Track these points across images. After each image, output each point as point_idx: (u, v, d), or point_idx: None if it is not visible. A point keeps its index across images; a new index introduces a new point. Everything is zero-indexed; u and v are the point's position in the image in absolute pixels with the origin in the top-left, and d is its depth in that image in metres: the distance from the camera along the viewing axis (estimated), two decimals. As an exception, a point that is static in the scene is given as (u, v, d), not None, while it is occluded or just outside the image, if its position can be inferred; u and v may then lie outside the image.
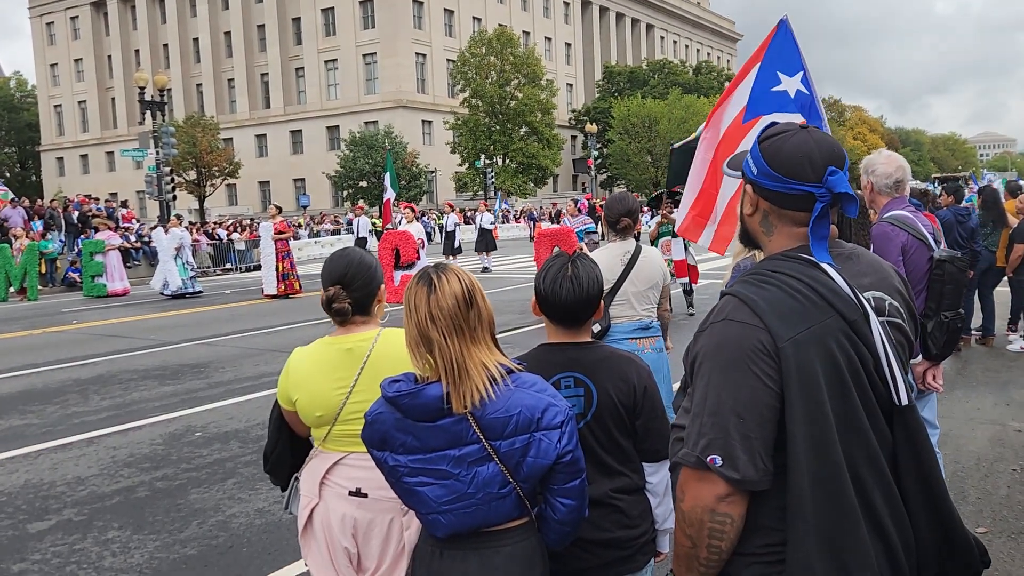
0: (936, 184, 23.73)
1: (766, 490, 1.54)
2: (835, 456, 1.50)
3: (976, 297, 9.19)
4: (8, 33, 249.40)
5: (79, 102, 77.17)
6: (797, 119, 4.46)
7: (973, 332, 9.22)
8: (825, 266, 1.62)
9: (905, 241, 3.60)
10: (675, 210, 12.00)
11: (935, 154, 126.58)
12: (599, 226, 14.62)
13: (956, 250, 8.20)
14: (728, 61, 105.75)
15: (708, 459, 1.51)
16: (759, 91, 4.71)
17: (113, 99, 75.47)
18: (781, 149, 1.64)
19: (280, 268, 17.19)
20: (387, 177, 19.65)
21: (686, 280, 11.96)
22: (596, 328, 4.01)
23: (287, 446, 2.59)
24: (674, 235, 11.64)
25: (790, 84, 4.61)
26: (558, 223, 28.54)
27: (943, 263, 3.55)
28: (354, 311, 2.45)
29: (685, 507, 1.58)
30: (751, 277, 1.65)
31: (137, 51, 73.10)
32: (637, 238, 4.89)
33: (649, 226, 12.26)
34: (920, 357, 3.64)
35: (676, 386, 2.49)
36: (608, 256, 4.18)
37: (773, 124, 1.73)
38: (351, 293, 2.42)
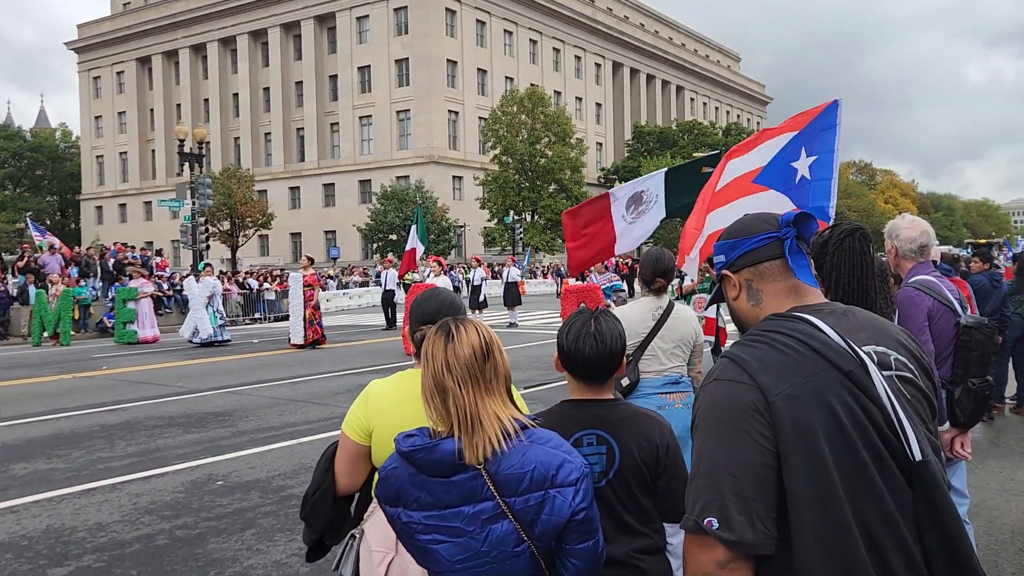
0: (969, 249, 23.51)
1: (774, 557, 1.49)
2: (841, 515, 1.44)
3: (1010, 364, 9.02)
4: (58, 86, 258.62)
5: (120, 153, 79.29)
6: (787, 205, 4.57)
7: (1007, 400, 9.02)
8: (815, 320, 1.61)
9: (931, 306, 3.58)
10: (712, 269, 11.99)
11: (968, 220, 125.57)
12: (625, 282, 14.69)
13: (994, 316, 8.12)
14: (758, 123, 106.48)
15: (705, 522, 1.48)
16: (780, 160, 4.79)
17: (153, 151, 77.48)
18: (731, 227, 1.80)
19: (306, 315, 17.34)
20: (414, 229, 19.91)
21: (713, 339, 11.89)
22: (625, 382, 3.99)
23: (330, 493, 2.46)
24: (708, 293, 11.64)
25: (802, 165, 4.70)
26: (584, 280, 28.66)
27: (970, 329, 3.52)
28: None
29: (688, 573, 1.54)
30: (744, 339, 1.66)
31: (179, 105, 75.24)
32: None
33: (683, 281, 12.25)
34: (948, 425, 3.58)
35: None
36: (641, 310, 4.18)
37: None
38: None
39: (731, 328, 14.83)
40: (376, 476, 2.37)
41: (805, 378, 1.51)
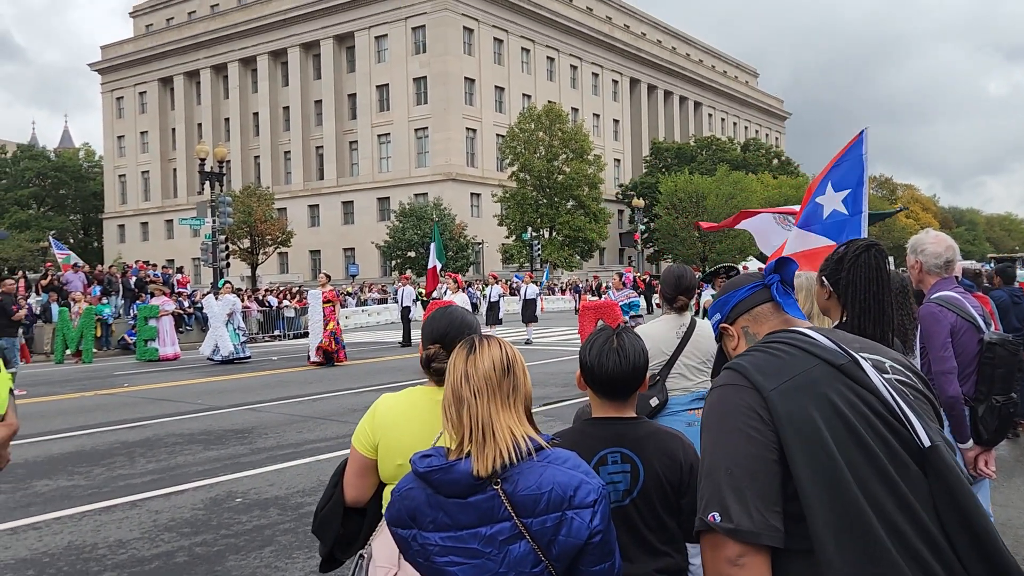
0: (992, 264, 23.27)
1: (797, 557, 1.51)
2: (850, 498, 1.48)
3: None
4: (82, 107, 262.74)
5: (143, 172, 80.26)
6: (814, 242, 4.69)
7: (1032, 417, 8.88)
8: (803, 329, 1.74)
9: (954, 322, 3.53)
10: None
11: (991, 234, 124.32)
12: (643, 299, 14.68)
13: (1011, 333, 8.00)
14: (776, 139, 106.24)
15: (708, 517, 1.53)
16: (812, 199, 4.98)
17: (175, 170, 78.36)
18: (722, 288, 2.00)
19: (331, 328, 17.38)
20: (433, 247, 20.04)
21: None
22: (655, 402, 3.97)
23: (339, 507, 2.52)
24: None
25: (829, 200, 4.80)
26: (599, 296, 28.59)
27: (994, 346, 3.48)
28: None
29: (706, 572, 1.58)
30: (744, 351, 1.77)
31: (200, 124, 76.10)
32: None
33: (703, 298, 12.20)
34: (971, 442, 3.53)
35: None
36: (665, 328, 4.16)
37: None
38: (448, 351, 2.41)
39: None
40: (385, 493, 2.40)
41: (797, 373, 1.60)
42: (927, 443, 1.54)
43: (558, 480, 1.83)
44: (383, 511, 2.41)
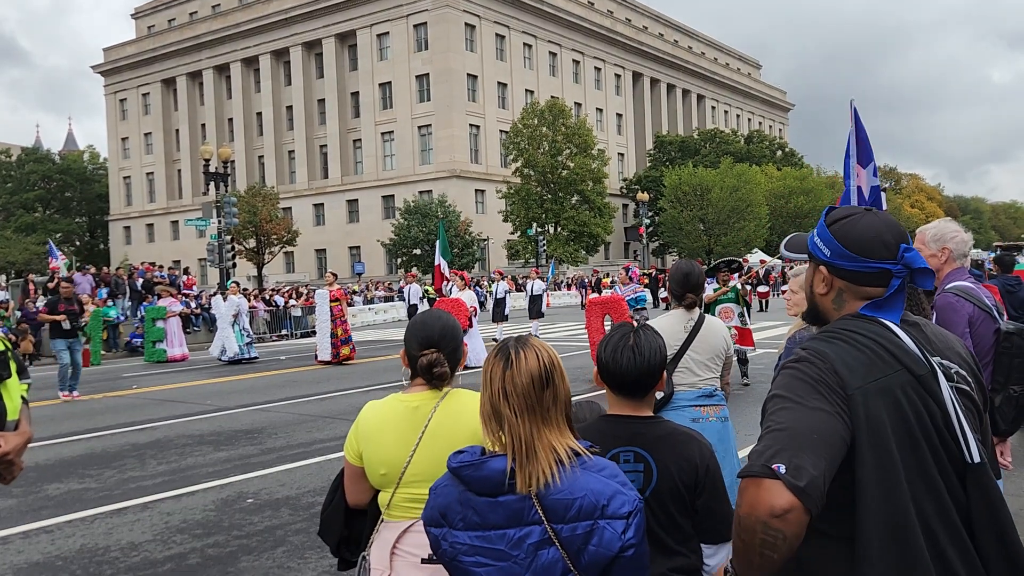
0: (998, 252, 23.16)
1: (837, 543, 1.58)
2: (902, 505, 1.53)
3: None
4: (86, 109, 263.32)
5: (147, 173, 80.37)
6: None
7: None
8: (891, 325, 1.68)
9: (971, 312, 3.50)
10: (734, 278, 11.93)
11: (996, 223, 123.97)
12: (647, 292, 14.70)
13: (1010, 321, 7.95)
14: (780, 130, 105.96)
15: (773, 466, 1.50)
16: (848, 188, 5.17)
17: (179, 171, 78.45)
18: (853, 230, 1.74)
19: (339, 333, 17.39)
20: (438, 245, 20.06)
21: (744, 349, 11.77)
22: (659, 395, 3.96)
23: (341, 507, 2.55)
24: (738, 302, 11.56)
25: (864, 179, 4.97)
26: (598, 291, 28.54)
27: (1011, 336, 3.44)
28: None
29: (742, 512, 1.55)
30: (820, 335, 1.73)
31: (203, 125, 76.17)
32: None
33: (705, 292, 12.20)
34: (988, 433, 3.51)
35: (743, 454, 2.44)
36: (673, 322, 4.16)
37: (833, 208, 1.84)
38: (446, 357, 2.39)
39: (760, 336, 14.71)
40: (379, 497, 2.41)
41: (880, 376, 1.61)
42: (976, 459, 1.60)
43: (592, 487, 1.79)
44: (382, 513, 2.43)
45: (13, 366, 3.13)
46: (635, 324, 2.37)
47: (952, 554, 1.55)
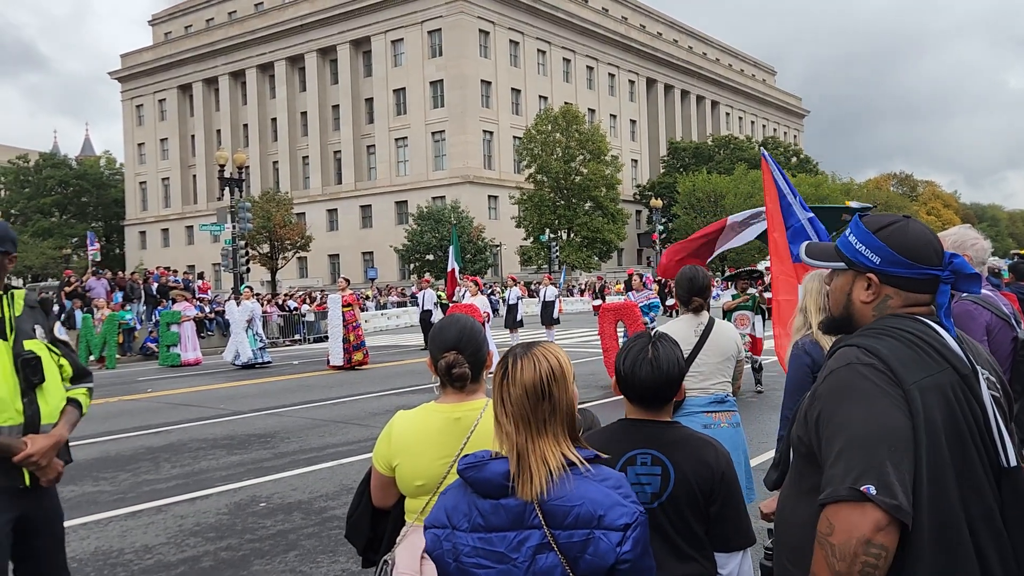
0: (1016, 259, 22.93)
1: None
2: (953, 503, 1.53)
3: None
4: (103, 115, 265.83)
5: (163, 179, 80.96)
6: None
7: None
8: (933, 324, 1.69)
9: (989, 320, 3.47)
10: (752, 287, 11.89)
11: (1013, 230, 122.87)
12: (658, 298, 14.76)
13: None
14: (795, 136, 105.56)
15: (862, 488, 1.49)
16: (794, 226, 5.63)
17: (194, 176, 78.97)
18: (905, 237, 1.74)
19: (351, 339, 17.42)
20: (451, 250, 20.08)
21: (757, 357, 11.73)
22: None
23: (367, 513, 2.55)
24: (755, 310, 11.49)
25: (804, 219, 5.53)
26: (602, 298, 28.43)
27: (1029, 344, 3.40)
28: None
29: (836, 540, 1.52)
30: (866, 331, 1.72)
31: (219, 131, 76.67)
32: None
33: (723, 299, 12.17)
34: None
35: (754, 463, 2.42)
36: (684, 327, 4.17)
37: (865, 213, 1.86)
38: (466, 359, 2.36)
39: (770, 343, 14.58)
40: (407, 500, 2.41)
41: (931, 373, 1.61)
42: (1012, 463, 1.61)
43: (590, 496, 1.78)
44: (405, 517, 2.43)
45: (54, 371, 3.16)
46: (651, 334, 2.37)
47: (992, 556, 1.55)
